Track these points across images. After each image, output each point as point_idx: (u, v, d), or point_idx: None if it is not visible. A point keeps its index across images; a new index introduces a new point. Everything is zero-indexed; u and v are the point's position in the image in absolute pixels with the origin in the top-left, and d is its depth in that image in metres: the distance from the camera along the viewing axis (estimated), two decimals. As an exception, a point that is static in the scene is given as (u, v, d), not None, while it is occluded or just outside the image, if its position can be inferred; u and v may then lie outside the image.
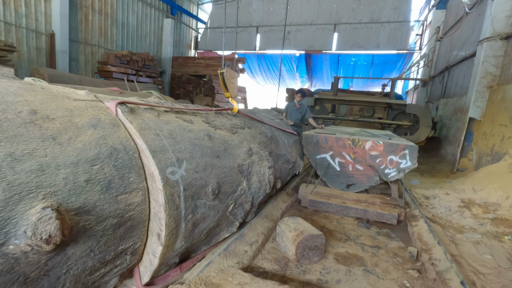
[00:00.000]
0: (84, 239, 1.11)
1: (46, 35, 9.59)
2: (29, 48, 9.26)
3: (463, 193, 4.05)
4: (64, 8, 9.65)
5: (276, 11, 15.54)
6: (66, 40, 9.89)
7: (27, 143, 1.01)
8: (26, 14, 9.02)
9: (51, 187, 1.00)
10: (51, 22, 9.65)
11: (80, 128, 1.23)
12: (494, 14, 5.52)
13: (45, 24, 9.53)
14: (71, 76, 7.64)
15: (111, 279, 1.35)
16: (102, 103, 1.50)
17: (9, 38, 8.64)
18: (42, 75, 6.97)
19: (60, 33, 9.67)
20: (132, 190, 1.31)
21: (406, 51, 13.81)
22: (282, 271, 2.14)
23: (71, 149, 1.12)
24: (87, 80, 7.89)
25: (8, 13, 8.58)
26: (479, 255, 2.54)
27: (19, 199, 0.91)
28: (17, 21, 8.80)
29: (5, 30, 8.56)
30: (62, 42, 9.79)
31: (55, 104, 1.23)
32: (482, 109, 5.84)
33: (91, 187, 1.13)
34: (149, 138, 1.46)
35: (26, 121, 1.05)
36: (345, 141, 3.63)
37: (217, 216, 1.89)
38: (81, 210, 1.08)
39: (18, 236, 0.88)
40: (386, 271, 2.23)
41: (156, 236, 1.44)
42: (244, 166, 2.22)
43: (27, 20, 9.06)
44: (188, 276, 1.77)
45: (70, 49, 10.17)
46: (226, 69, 2.60)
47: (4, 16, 8.46)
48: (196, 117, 2.14)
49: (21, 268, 0.91)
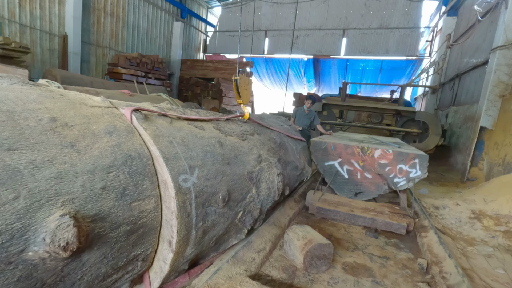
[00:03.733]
0: (99, 246, 1.12)
1: (59, 37, 9.79)
2: (42, 49, 9.46)
3: (474, 204, 3.97)
4: (77, 10, 9.85)
5: (285, 15, 15.59)
6: (78, 42, 10.08)
7: (47, 150, 1.03)
8: (41, 16, 9.23)
9: (69, 195, 1.02)
10: (64, 24, 9.85)
11: (96, 135, 1.25)
12: (507, 23, 5.45)
13: (58, 26, 9.73)
14: (82, 78, 7.77)
15: (122, 285, 1.36)
16: (117, 110, 1.52)
17: (23, 40, 8.85)
18: (55, 76, 7.09)
19: (72, 35, 9.86)
20: (145, 197, 1.33)
21: (416, 58, 13.71)
22: (290, 280, 2.13)
23: (88, 157, 1.14)
24: (98, 81, 8.00)
25: (23, 15, 8.79)
26: (491, 269, 2.48)
27: (38, 206, 0.93)
28: (31, 23, 9.01)
29: (20, 31, 8.77)
30: (75, 43, 9.98)
31: (73, 111, 1.26)
32: (494, 118, 5.75)
33: (106, 194, 1.15)
34: (163, 146, 1.47)
35: (47, 129, 1.08)
36: (354, 148, 3.61)
37: (227, 223, 1.89)
38: (96, 217, 1.10)
39: (37, 243, 0.90)
40: (395, 283, 2.20)
41: (167, 243, 1.44)
42: (253, 173, 2.22)
43: (41, 22, 9.26)
44: (196, 282, 1.77)
45: (81, 51, 10.35)
46: (241, 76, 2.61)
47: (19, 18, 8.67)
48: (207, 124, 2.16)
49: (38, 274, 0.93)
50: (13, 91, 1.14)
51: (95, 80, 8.01)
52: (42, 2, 9.20)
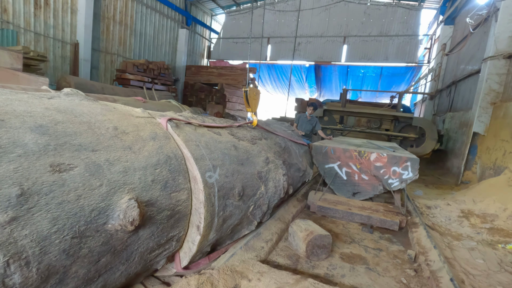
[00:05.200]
0: (149, 225, 1.46)
1: (71, 45, 10.23)
2: (55, 56, 9.90)
3: (464, 204, 4.29)
4: (88, 19, 10.29)
5: (287, 23, 16.05)
6: (89, 49, 10.52)
7: (115, 151, 1.37)
8: (54, 25, 9.68)
9: (131, 184, 1.36)
10: (76, 33, 10.29)
11: (144, 140, 1.59)
12: (497, 35, 5.80)
13: (70, 34, 10.17)
14: (94, 84, 8.15)
15: (161, 260, 1.70)
16: (155, 119, 1.87)
17: (37, 47, 9.28)
18: (69, 83, 7.48)
19: (83, 43, 10.29)
20: (180, 189, 1.67)
21: (415, 64, 14.08)
22: (294, 265, 2.46)
23: (141, 156, 1.49)
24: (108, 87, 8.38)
25: (38, 24, 9.24)
26: (472, 259, 2.80)
27: (114, 192, 1.27)
28: (45, 31, 9.45)
29: (35, 40, 9.21)
30: (85, 51, 10.41)
31: (126, 121, 1.61)
32: (485, 124, 6.07)
33: (155, 185, 1.49)
34: (192, 148, 1.82)
35: (113, 135, 1.42)
36: (352, 152, 3.95)
37: (241, 215, 2.22)
38: (148, 202, 1.44)
39: (114, 218, 1.24)
40: (386, 270, 2.52)
41: (196, 227, 1.78)
42: (262, 173, 2.56)
43: (54, 31, 9.71)
44: (215, 264, 2.10)
45: (91, 58, 10.77)
46: (250, 87, 2.96)
47: (34, 27, 9.11)
48: (223, 130, 2.51)
49: (113, 242, 1.27)
50: (84, 106, 1.49)
51: (105, 86, 8.39)
52: (56, 11, 9.66)
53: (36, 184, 1.01)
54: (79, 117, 1.36)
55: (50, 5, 9.42)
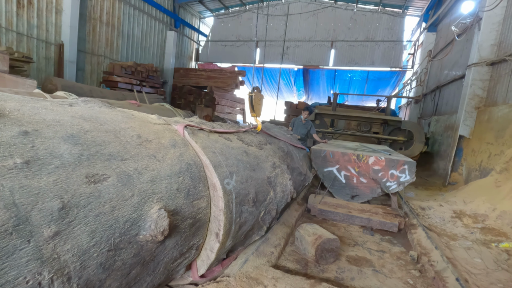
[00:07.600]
0: (174, 234, 1.44)
1: (56, 45, 9.90)
2: (38, 57, 9.53)
3: (455, 205, 4.46)
4: (74, 20, 10.00)
5: (276, 27, 16.21)
6: (74, 51, 10.20)
7: (142, 160, 1.34)
8: (38, 25, 9.33)
9: (159, 194, 1.34)
10: (60, 33, 9.97)
11: (166, 148, 1.57)
12: (480, 43, 6.10)
13: (55, 35, 9.84)
14: (81, 86, 7.90)
15: (181, 269, 1.67)
16: (171, 126, 1.85)
17: (20, 48, 8.91)
18: (55, 85, 7.21)
19: (69, 44, 9.98)
20: (201, 197, 1.65)
21: (399, 69, 14.55)
22: (304, 270, 2.48)
23: (165, 165, 1.46)
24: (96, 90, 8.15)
25: (20, 24, 8.88)
26: (470, 258, 2.91)
27: (144, 202, 1.24)
28: (28, 31, 9.09)
29: (17, 40, 8.84)
30: (71, 52, 10.09)
31: (147, 128, 1.58)
32: (470, 128, 6.35)
33: (179, 194, 1.47)
34: (210, 155, 1.81)
35: (137, 143, 1.40)
36: (351, 156, 4.03)
37: (253, 220, 2.22)
38: (174, 211, 1.42)
39: (145, 228, 1.21)
40: (392, 271, 2.58)
41: (215, 235, 1.77)
42: (271, 178, 2.57)
43: (38, 31, 9.36)
44: (229, 271, 2.09)
45: (77, 59, 10.45)
46: (255, 92, 2.97)
47: (16, 27, 8.75)
48: (232, 135, 2.50)
49: (143, 253, 1.24)
50: (106, 114, 1.45)
51: (93, 89, 8.15)
52: (40, 11, 9.32)
53: (75, 196, 0.98)
54: (104, 125, 1.33)
55: (33, 5, 9.08)
